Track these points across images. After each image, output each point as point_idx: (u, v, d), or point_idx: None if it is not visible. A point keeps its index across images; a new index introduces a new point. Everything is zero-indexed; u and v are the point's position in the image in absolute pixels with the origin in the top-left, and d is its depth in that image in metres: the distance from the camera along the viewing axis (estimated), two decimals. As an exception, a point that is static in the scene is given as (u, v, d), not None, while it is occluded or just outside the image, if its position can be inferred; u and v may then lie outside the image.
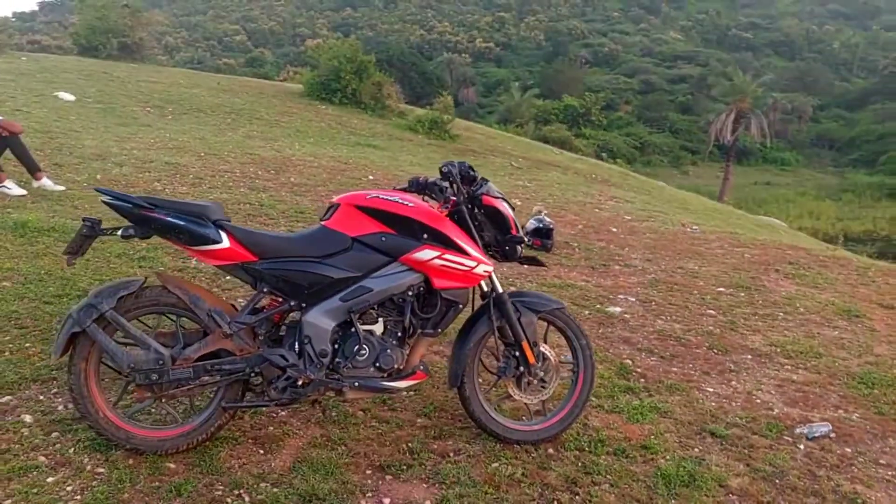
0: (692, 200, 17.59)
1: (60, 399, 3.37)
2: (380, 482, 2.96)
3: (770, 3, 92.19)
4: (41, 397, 3.38)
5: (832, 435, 3.50)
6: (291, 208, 7.36)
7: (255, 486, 2.87)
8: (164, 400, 3.02)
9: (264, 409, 3.32)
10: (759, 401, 3.85)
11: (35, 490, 2.70)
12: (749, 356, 4.44)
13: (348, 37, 76.82)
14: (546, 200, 10.65)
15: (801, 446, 3.41)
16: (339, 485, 2.89)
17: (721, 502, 2.92)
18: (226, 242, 2.92)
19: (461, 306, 3.17)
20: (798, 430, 3.52)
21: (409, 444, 3.23)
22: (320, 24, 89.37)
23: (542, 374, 3.30)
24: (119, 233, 2.94)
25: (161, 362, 2.89)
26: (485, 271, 3.12)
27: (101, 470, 2.88)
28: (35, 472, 2.80)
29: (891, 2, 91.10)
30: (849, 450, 3.41)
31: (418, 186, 3.34)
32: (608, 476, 3.05)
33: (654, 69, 69.07)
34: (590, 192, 12.55)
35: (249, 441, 3.19)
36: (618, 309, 5.05)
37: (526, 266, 3.71)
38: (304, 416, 3.43)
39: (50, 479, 2.77)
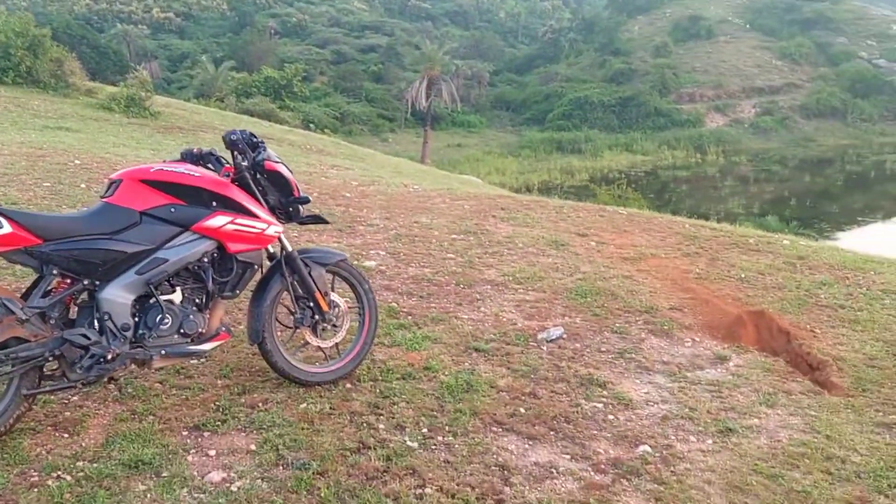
0: (402, 164, 18.74)
1: None
2: (199, 439, 3.13)
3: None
4: None
5: (564, 336, 4.36)
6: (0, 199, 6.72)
7: (71, 465, 2.88)
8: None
9: (55, 395, 3.27)
10: (505, 319, 4.61)
11: None
12: (489, 287, 5.21)
13: (-3, 7, 67.21)
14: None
15: (544, 348, 4.20)
16: (160, 448, 3.01)
17: (495, 399, 3.56)
18: (7, 227, 2.84)
19: (256, 267, 3.41)
20: (540, 336, 4.32)
21: (217, 403, 3.41)
22: (-44, -7, 76.85)
23: (334, 319, 3.66)
24: None
25: (-50, 359, 2.76)
26: (275, 232, 3.39)
27: None
28: None
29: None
30: (578, 345, 4.28)
31: (193, 157, 3.48)
32: (402, 396, 3.54)
33: (345, 39, 70.28)
34: (310, 163, 12.88)
35: (49, 428, 3.14)
36: (373, 263, 5.54)
37: (311, 225, 3.99)
38: (100, 396, 3.42)
39: None
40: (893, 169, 45.35)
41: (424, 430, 3.25)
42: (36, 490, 2.71)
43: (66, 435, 3.11)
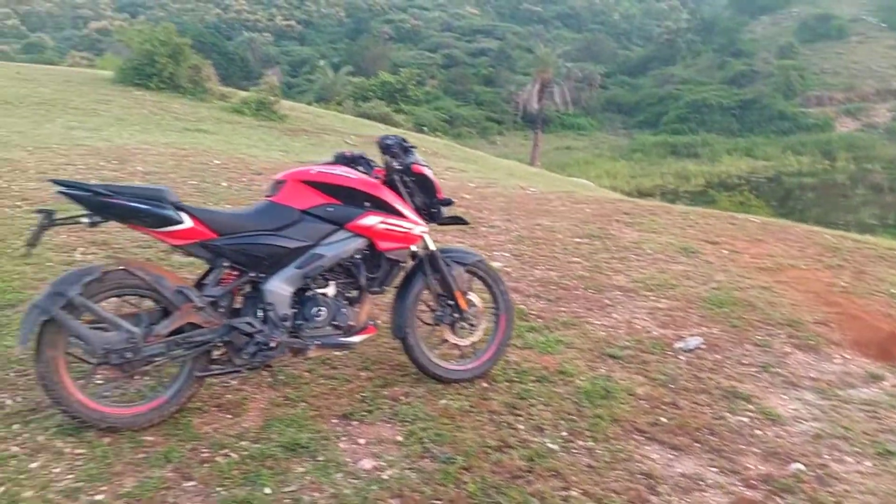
0: (514, 167, 18.79)
1: (5, 395, 3.36)
2: (348, 427, 3.28)
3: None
4: None
5: (703, 346, 4.28)
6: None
7: (236, 444, 3.09)
8: (134, 377, 3.15)
9: (218, 378, 3.52)
10: (638, 326, 4.57)
11: (23, 475, 2.77)
12: (619, 292, 5.18)
13: (136, 17, 71.90)
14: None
15: (682, 357, 4.15)
16: (314, 434, 3.18)
17: (634, 406, 3.55)
18: (188, 222, 3.09)
19: (402, 264, 3.55)
20: (676, 345, 4.27)
21: (362, 395, 3.56)
22: (104, 6, 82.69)
23: (472, 318, 3.76)
24: (77, 221, 3.02)
25: (134, 341, 3.02)
26: (421, 232, 3.52)
27: (81, 450, 2.97)
28: (14, 461, 2.85)
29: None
30: (718, 356, 4.19)
31: (345, 159, 3.65)
32: (539, 398, 3.58)
33: (456, 43, 71.14)
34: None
35: (213, 409, 3.38)
36: (498, 264, 5.61)
37: (450, 226, 4.12)
38: (256, 382, 3.64)
39: (33, 465, 2.84)
40: None
41: (564, 434, 3.29)
42: (207, 465, 2.93)
43: (228, 416, 3.33)
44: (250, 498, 2.74)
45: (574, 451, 3.16)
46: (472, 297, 3.77)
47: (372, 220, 3.38)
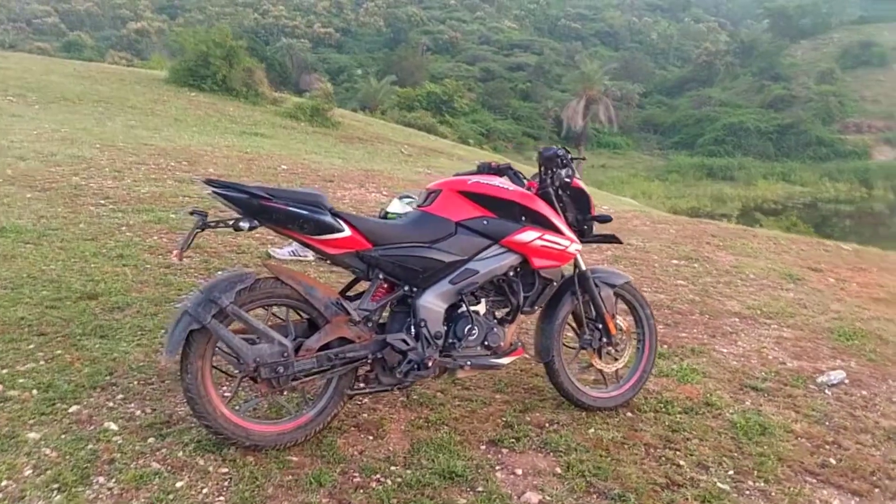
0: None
1: (133, 405, 3.22)
2: (499, 455, 3.08)
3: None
4: (111, 404, 3.20)
5: (846, 381, 4.04)
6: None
7: (386, 468, 2.90)
8: (283, 392, 2.98)
9: (364, 397, 3.35)
10: (770, 357, 4.34)
11: (171, 496, 2.60)
12: (736, 319, 4.94)
13: (174, 19, 72.67)
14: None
15: (828, 392, 3.91)
16: (466, 461, 2.98)
17: (796, 445, 3.32)
18: (347, 231, 2.92)
19: (555, 284, 3.36)
20: (819, 379, 4.02)
21: (504, 419, 3.37)
22: (143, 6, 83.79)
23: (619, 344, 3.55)
24: (232, 224, 2.86)
25: (286, 354, 2.85)
26: (576, 250, 3.33)
27: (225, 469, 2.81)
28: (158, 479, 2.68)
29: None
30: (865, 392, 3.95)
31: (491, 170, 3.47)
32: (693, 432, 3.36)
33: (493, 57, 71.18)
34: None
35: (353, 429, 3.20)
36: (602, 284, 5.39)
37: (602, 243, 3.92)
38: (389, 401, 3.46)
39: (179, 484, 2.67)
40: None
41: (731, 473, 3.06)
42: (362, 491, 2.75)
43: (370, 437, 3.15)
44: (417, 530, 2.55)
45: (747, 492, 2.93)
46: (619, 320, 3.57)
47: (530, 235, 3.19)
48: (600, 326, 3.49)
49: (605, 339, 3.50)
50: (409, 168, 12.79)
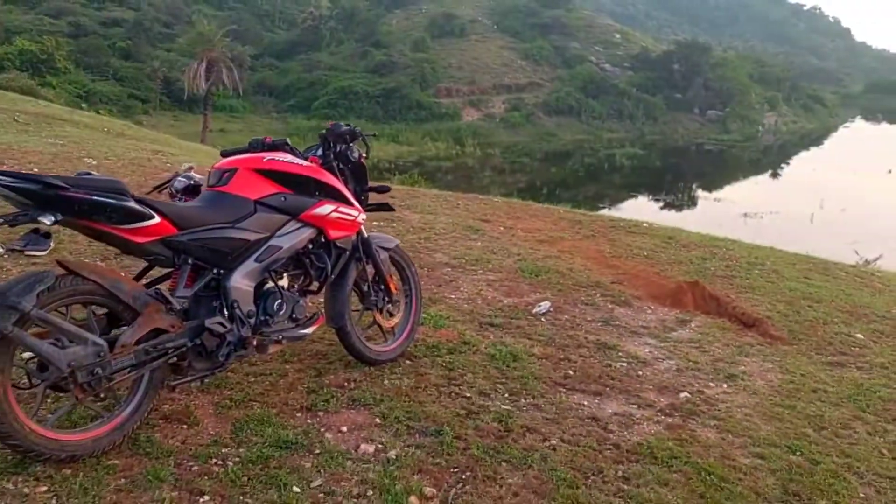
0: (205, 149, 17.99)
1: None
2: (318, 418, 3.25)
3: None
4: None
5: (552, 309, 4.92)
6: None
7: (220, 451, 2.91)
8: (97, 396, 2.75)
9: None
10: (490, 297, 5.05)
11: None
12: (449, 269, 5.57)
13: None
14: (107, 159, 10.00)
15: (544, 320, 4.72)
16: (293, 430, 3.11)
17: (541, 365, 4.02)
18: (156, 218, 2.79)
19: (347, 252, 3.56)
20: (534, 310, 4.82)
21: (306, 386, 3.51)
22: None
23: (397, 301, 3.90)
24: (29, 218, 2.54)
25: (102, 354, 2.66)
26: (363, 219, 3.57)
27: (44, 488, 2.58)
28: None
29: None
30: (567, 316, 4.83)
31: (265, 146, 3.52)
32: (465, 368, 3.88)
33: (83, 10, 63.66)
34: (135, 148, 12.08)
35: (161, 422, 3.09)
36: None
37: (377, 212, 4.12)
38: (182, 390, 3.34)
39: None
40: (622, 162, 51.61)
41: (507, 395, 3.65)
42: (207, 477, 2.74)
43: (184, 426, 3.08)
44: (285, 499, 2.65)
45: (525, 408, 3.54)
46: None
47: (326, 209, 3.36)
48: (383, 287, 3.80)
49: (387, 299, 3.82)
50: (39, 140, 11.27)
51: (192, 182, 6.86)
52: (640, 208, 32.33)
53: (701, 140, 62.17)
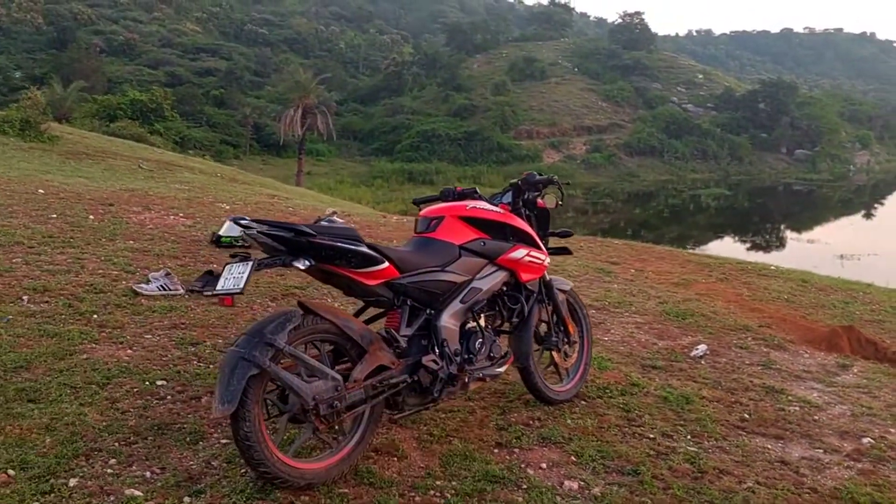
0: (307, 192, 18.68)
1: (135, 466, 2.98)
2: (514, 455, 3.37)
3: (278, 1, 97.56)
4: (109, 471, 2.92)
5: (709, 352, 4.94)
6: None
7: (433, 483, 3.04)
8: (332, 428, 2.95)
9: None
10: (643, 340, 5.12)
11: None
12: (594, 311, 5.69)
13: None
14: (235, 203, 10.57)
15: (704, 363, 4.76)
16: (495, 465, 3.23)
17: (715, 408, 4.05)
18: (385, 262, 3.01)
19: (536, 294, 3.72)
20: (692, 353, 4.87)
21: (494, 424, 3.64)
22: None
23: (575, 342, 4.03)
24: (285, 263, 2.80)
25: (339, 388, 2.87)
26: (548, 263, 3.73)
27: (292, 515, 2.76)
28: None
29: (379, 8, 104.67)
30: (725, 359, 4.84)
31: (455, 195, 3.74)
32: (640, 410, 3.95)
33: (179, 61, 67.50)
34: (249, 192, 12.69)
35: (374, 454, 3.26)
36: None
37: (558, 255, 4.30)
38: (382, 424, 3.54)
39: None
40: (707, 202, 50.72)
41: (689, 437, 3.69)
42: (437, 508, 2.88)
43: (394, 459, 3.24)
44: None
45: (711, 450, 3.58)
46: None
47: (520, 253, 3.53)
48: (562, 328, 3.93)
49: (566, 339, 3.95)
50: (167, 185, 12.01)
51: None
52: (728, 249, 31.70)
53: (789, 180, 60.67)
